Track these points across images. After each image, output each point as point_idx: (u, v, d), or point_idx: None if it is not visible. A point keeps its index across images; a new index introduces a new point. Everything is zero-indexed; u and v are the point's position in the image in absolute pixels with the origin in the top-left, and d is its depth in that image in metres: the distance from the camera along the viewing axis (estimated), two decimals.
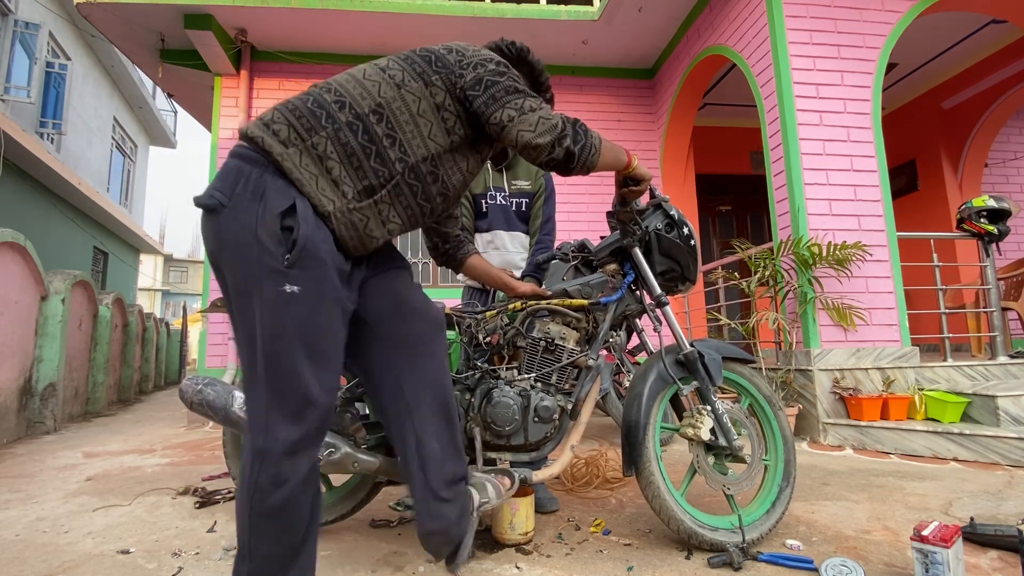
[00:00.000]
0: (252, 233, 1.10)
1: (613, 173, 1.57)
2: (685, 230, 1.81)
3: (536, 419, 1.66)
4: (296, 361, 1.11)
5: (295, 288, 1.11)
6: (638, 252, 1.79)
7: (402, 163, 1.24)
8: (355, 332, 1.33)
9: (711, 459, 1.75)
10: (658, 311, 1.85)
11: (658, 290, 1.78)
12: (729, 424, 1.71)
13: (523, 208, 2.40)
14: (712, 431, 1.70)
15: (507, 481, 1.55)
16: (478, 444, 1.64)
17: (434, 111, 1.28)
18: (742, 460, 1.74)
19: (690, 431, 1.70)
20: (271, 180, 1.13)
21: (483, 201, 2.38)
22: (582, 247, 1.96)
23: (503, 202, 2.37)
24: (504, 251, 2.37)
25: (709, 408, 1.72)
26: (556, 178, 5.79)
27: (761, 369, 3.65)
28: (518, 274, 2.34)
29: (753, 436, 1.80)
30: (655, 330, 1.91)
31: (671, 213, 1.82)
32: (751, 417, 1.85)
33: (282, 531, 1.10)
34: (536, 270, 2.34)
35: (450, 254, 1.77)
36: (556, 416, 1.69)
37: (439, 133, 1.29)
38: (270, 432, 1.09)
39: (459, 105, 1.30)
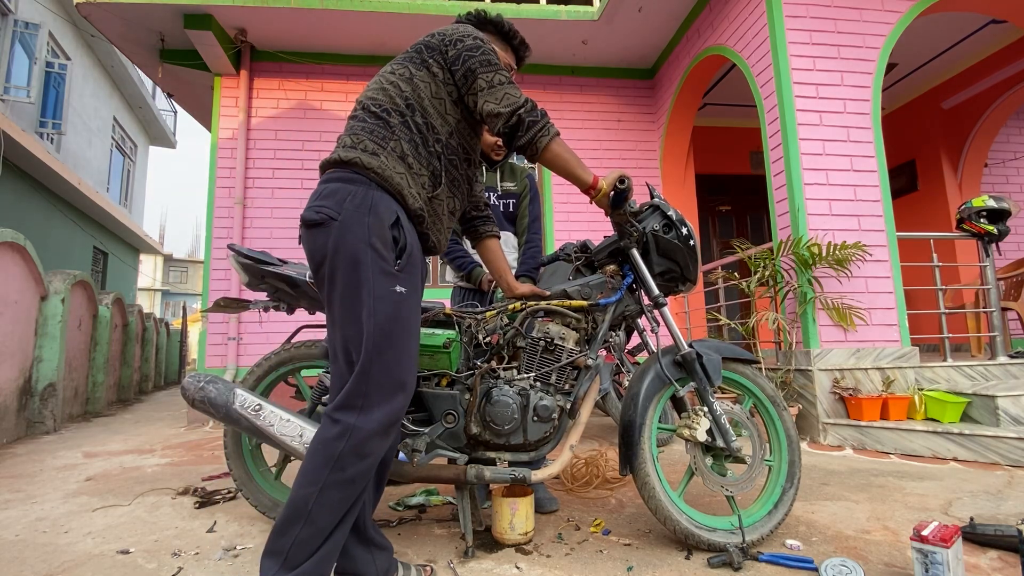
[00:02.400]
0: (366, 242, 1.26)
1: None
2: (684, 230, 1.80)
3: (535, 418, 1.67)
4: (399, 352, 1.28)
5: (403, 289, 1.30)
6: (636, 253, 1.78)
7: (439, 143, 1.44)
8: None
9: (709, 460, 1.74)
10: (656, 312, 1.85)
11: (656, 291, 1.77)
12: (727, 425, 1.71)
13: (511, 209, 2.43)
14: (709, 432, 1.70)
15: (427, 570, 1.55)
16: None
17: (443, 89, 1.45)
18: (742, 461, 1.74)
19: (686, 432, 1.70)
20: (376, 195, 1.31)
21: None
22: (584, 248, 1.96)
23: (494, 202, 2.38)
24: None
25: (706, 409, 1.71)
26: (558, 179, 5.80)
27: (761, 369, 3.65)
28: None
29: (754, 437, 1.79)
30: (652, 331, 1.91)
31: (669, 214, 1.81)
32: (754, 418, 1.84)
33: (342, 502, 1.21)
34: (533, 271, 2.34)
35: (476, 226, 1.86)
36: (555, 415, 1.69)
37: (451, 108, 1.46)
38: (365, 412, 1.22)
39: (454, 78, 1.46)
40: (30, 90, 7.59)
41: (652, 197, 1.86)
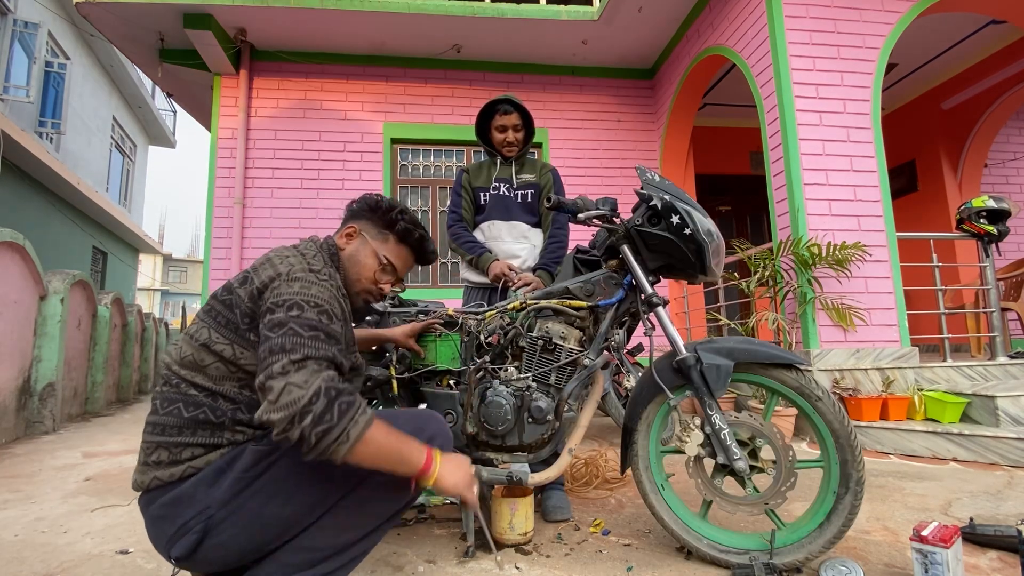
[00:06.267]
0: None
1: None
2: (674, 219, 1.56)
3: (530, 420, 1.64)
4: None
5: None
6: (626, 250, 1.65)
7: None
8: None
9: (718, 476, 1.59)
10: (652, 312, 1.67)
11: (649, 290, 1.63)
12: (728, 440, 1.51)
13: (528, 199, 2.39)
14: (705, 445, 1.55)
15: None
16: None
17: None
18: (763, 470, 1.54)
19: (680, 446, 1.57)
20: None
21: (483, 193, 2.38)
22: (593, 245, 1.92)
23: (506, 193, 2.37)
24: (500, 241, 2.34)
25: (700, 422, 1.55)
26: (563, 178, 5.79)
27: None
28: (518, 263, 2.30)
29: (775, 443, 1.53)
30: (645, 333, 1.76)
31: (652, 203, 1.59)
32: (770, 421, 1.60)
33: None
34: (551, 264, 2.33)
35: None
36: (551, 417, 1.65)
37: None
38: None
39: None
40: (29, 90, 7.59)
41: (642, 184, 1.67)
